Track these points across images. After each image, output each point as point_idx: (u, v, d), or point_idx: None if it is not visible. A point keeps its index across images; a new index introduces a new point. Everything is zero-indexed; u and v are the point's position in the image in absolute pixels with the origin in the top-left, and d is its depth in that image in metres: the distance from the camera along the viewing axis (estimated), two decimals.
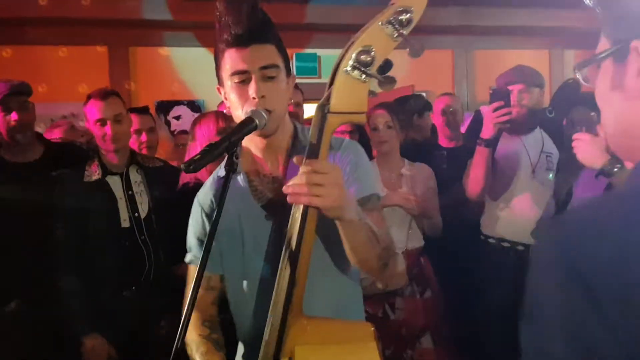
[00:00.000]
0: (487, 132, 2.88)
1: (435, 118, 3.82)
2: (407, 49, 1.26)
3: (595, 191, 2.31)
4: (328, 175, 1.22)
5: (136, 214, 2.72)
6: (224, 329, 1.65)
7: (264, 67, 1.44)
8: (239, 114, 1.47)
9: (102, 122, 2.68)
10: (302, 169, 1.23)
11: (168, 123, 5.93)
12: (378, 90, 1.30)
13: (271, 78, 1.45)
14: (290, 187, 1.23)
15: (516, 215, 3.00)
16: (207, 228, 1.59)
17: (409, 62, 6.27)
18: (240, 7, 1.39)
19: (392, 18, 1.26)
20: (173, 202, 2.65)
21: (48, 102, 4.91)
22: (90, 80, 5.59)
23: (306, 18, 5.77)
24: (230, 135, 1.30)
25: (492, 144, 2.91)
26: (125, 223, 2.69)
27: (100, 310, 2.61)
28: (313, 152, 1.29)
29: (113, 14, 5.38)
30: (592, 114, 2.98)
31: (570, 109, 3.13)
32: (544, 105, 3.20)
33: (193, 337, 1.57)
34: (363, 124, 1.45)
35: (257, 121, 1.38)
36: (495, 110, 2.82)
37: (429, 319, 2.98)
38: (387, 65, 1.30)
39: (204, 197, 1.65)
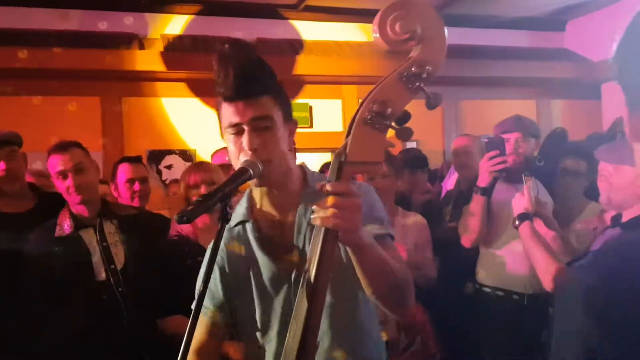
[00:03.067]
0: (482, 181, 2.90)
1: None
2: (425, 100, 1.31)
3: None
4: (350, 199, 1.24)
5: (112, 266, 2.60)
6: None
7: (256, 119, 1.45)
8: (237, 164, 1.48)
9: (64, 174, 2.58)
10: (329, 189, 1.25)
11: (160, 172, 5.93)
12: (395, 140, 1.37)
13: (265, 128, 1.46)
14: (319, 209, 1.25)
15: (509, 264, 2.98)
16: (217, 276, 1.64)
17: None
18: (229, 66, 1.42)
19: (408, 71, 1.29)
20: (155, 253, 2.60)
21: (41, 152, 4.90)
22: (83, 130, 5.61)
23: (297, 69, 5.86)
24: (224, 186, 1.30)
25: (488, 192, 2.92)
26: (101, 276, 2.58)
27: None
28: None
29: (107, 66, 5.44)
30: (584, 162, 3.02)
31: (559, 158, 3.16)
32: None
33: None
34: (379, 174, 1.51)
35: (251, 171, 1.39)
36: (491, 159, 2.84)
37: None
38: (405, 116, 1.32)
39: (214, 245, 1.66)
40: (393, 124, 1.31)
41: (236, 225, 1.63)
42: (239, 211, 1.64)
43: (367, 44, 6.12)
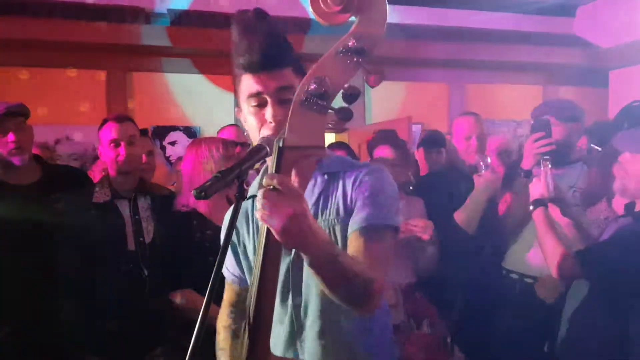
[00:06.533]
0: (527, 163, 2.84)
1: (457, 142, 3.50)
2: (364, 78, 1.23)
3: None
4: (282, 195, 1.13)
5: (141, 239, 2.72)
6: None
7: (280, 89, 1.41)
8: (256, 138, 1.44)
9: (116, 143, 2.72)
10: (265, 181, 1.16)
11: (163, 148, 5.93)
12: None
13: (287, 101, 1.38)
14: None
15: (530, 248, 2.94)
16: (239, 247, 1.64)
17: (406, 94, 6.34)
18: (254, 36, 1.38)
19: (346, 46, 1.22)
20: (171, 229, 2.67)
21: (46, 125, 4.91)
22: (88, 104, 5.62)
23: (304, 48, 5.82)
24: (241, 163, 1.26)
25: (531, 174, 2.86)
26: (130, 246, 2.70)
27: (98, 333, 2.60)
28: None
29: (112, 40, 5.42)
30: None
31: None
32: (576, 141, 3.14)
33: (218, 328, 1.72)
34: (324, 158, 1.43)
35: (268, 148, 1.33)
36: (536, 140, 2.78)
37: (429, 354, 2.92)
38: (353, 94, 1.23)
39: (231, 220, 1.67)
40: (342, 102, 1.22)
41: (248, 198, 1.59)
42: (253, 185, 1.62)
43: None
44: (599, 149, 3.06)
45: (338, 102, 1.25)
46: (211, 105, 6.00)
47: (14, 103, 2.79)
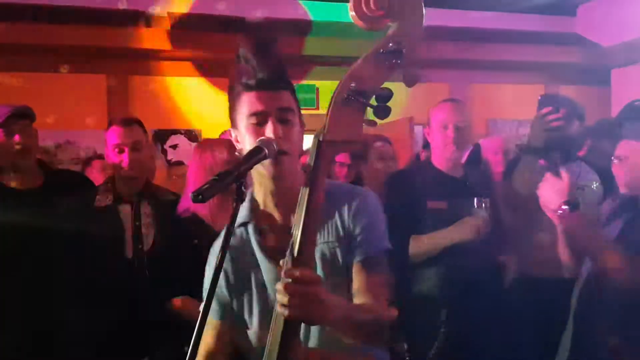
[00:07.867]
0: (537, 140, 2.78)
1: (434, 133, 2.94)
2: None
3: None
4: (308, 287, 1.21)
5: (140, 246, 2.67)
6: None
7: (282, 109, 1.46)
8: None
9: (120, 148, 2.69)
10: (283, 275, 1.23)
11: (165, 152, 5.92)
12: (374, 119, 1.31)
13: (287, 121, 1.47)
14: (278, 293, 1.22)
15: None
16: (221, 277, 1.60)
17: (407, 94, 6.33)
18: (263, 56, 1.44)
19: (385, 48, 1.28)
20: (169, 235, 2.64)
21: (47, 130, 4.90)
22: (88, 108, 5.61)
23: (304, 50, 5.82)
24: (239, 165, 1.28)
25: (540, 152, 2.78)
26: (128, 254, 2.66)
27: (95, 340, 2.57)
28: (311, 184, 1.28)
29: (113, 43, 5.42)
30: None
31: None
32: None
33: None
34: (360, 152, 1.50)
35: (266, 150, 1.36)
36: (545, 115, 2.71)
37: None
38: (386, 94, 1.30)
39: (218, 246, 1.62)
40: (371, 101, 1.29)
41: (238, 227, 1.60)
42: (242, 213, 1.59)
43: None
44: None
45: None
46: (212, 108, 5.99)
47: (20, 105, 2.77)
